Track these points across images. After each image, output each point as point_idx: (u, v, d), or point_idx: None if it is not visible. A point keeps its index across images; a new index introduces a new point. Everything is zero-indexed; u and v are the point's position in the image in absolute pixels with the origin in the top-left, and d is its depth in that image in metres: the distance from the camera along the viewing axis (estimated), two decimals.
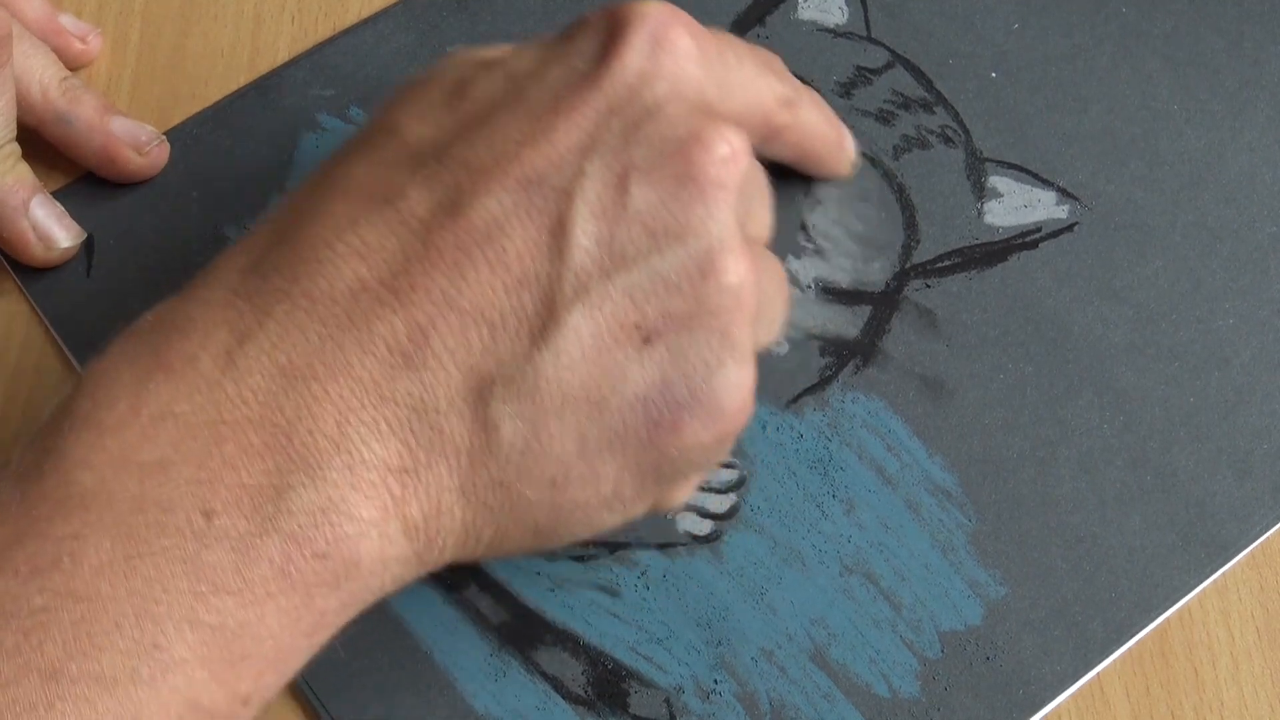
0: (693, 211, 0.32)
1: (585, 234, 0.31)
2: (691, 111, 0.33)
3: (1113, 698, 0.40)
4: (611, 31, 0.34)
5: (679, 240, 0.32)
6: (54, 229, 0.45)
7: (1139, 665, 0.40)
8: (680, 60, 0.33)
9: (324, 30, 0.51)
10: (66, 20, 0.49)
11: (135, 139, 0.47)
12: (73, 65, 0.48)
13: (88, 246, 0.46)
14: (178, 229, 0.47)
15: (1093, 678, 0.40)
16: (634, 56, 0.33)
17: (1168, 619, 0.41)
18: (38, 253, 0.45)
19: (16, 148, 0.46)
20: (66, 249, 0.46)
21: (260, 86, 0.50)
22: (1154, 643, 0.41)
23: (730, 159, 0.32)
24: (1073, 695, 0.40)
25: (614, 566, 0.41)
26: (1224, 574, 0.42)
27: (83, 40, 0.49)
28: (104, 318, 0.45)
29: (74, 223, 0.46)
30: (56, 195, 0.47)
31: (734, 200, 0.33)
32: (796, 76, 0.49)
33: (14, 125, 0.45)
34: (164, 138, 0.48)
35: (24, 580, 0.29)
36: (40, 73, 0.46)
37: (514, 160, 0.32)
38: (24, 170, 0.46)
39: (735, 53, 0.36)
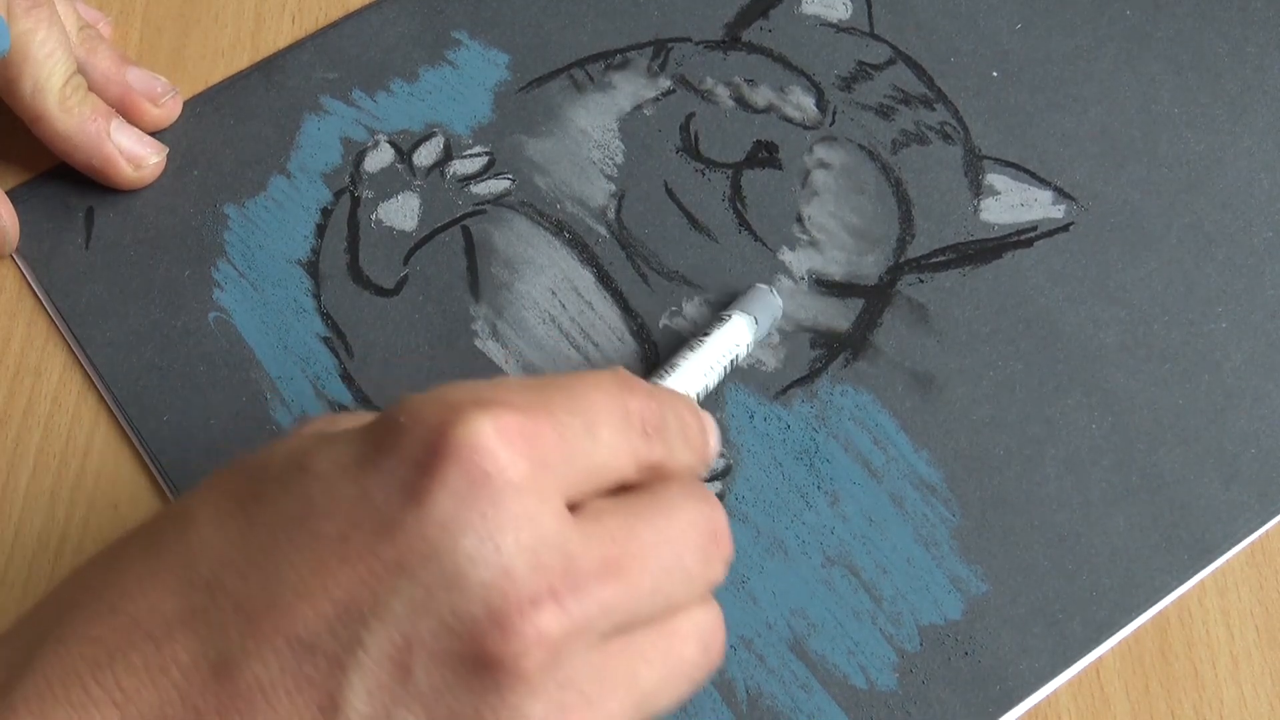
0: (484, 702, 0.28)
1: (358, 715, 0.27)
2: (500, 575, 0.28)
3: (1113, 697, 0.40)
4: (422, 463, 0.28)
5: None
6: (140, 148, 0.47)
7: (1139, 665, 0.40)
8: (503, 503, 0.28)
9: None
10: (135, 75, 0.48)
11: (151, 89, 0.48)
12: (150, 128, 0.48)
13: (88, 218, 0.47)
14: (178, 205, 0.47)
15: (1092, 678, 0.40)
16: (440, 503, 0.28)
17: (1168, 620, 0.41)
18: (128, 174, 0.47)
19: (82, 79, 0.46)
20: (156, 164, 0.47)
21: (264, 68, 0.50)
22: (1154, 642, 0.41)
23: (536, 642, 0.27)
24: (1073, 695, 0.40)
25: None
26: (1224, 574, 0.42)
27: (156, 103, 0.48)
28: (101, 290, 0.45)
29: (154, 139, 0.47)
30: (58, 168, 0.47)
31: (540, 686, 0.28)
32: (798, 71, 0.49)
33: (73, 58, 0.46)
34: (177, 90, 0.49)
35: None
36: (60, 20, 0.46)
37: (287, 613, 0.28)
38: (95, 99, 0.47)
39: (586, 430, 0.30)
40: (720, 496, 0.42)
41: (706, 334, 0.42)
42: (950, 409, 0.43)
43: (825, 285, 0.46)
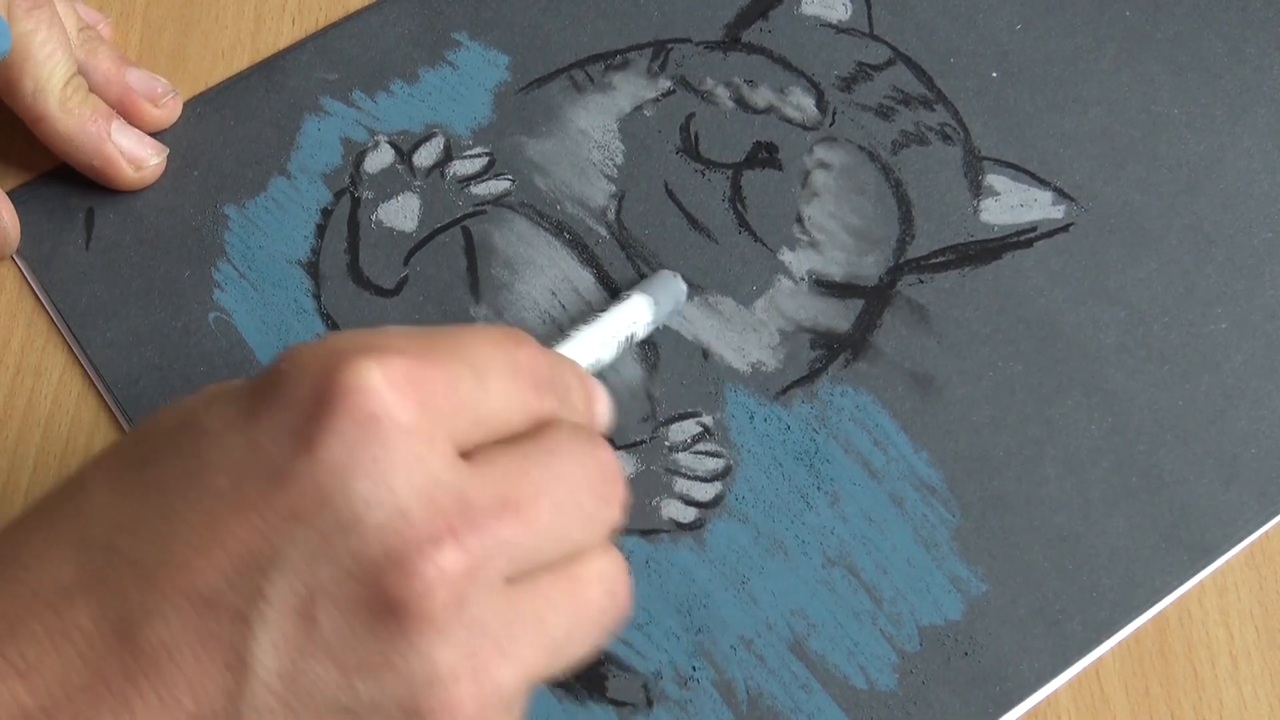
0: (393, 648, 0.27)
1: (265, 670, 0.27)
2: (396, 517, 0.27)
3: (1113, 697, 0.40)
4: (310, 410, 0.28)
5: (375, 679, 0.27)
6: (140, 149, 0.47)
7: (1139, 665, 0.40)
8: (394, 446, 0.28)
9: None
10: (135, 77, 0.48)
11: (151, 90, 0.48)
12: (150, 129, 0.48)
13: (88, 219, 0.47)
14: (178, 206, 0.47)
15: (1092, 678, 0.40)
16: (330, 449, 0.27)
17: (1167, 620, 0.41)
18: (129, 175, 0.47)
19: (83, 80, 0.47)
20: (157, 165, 0.47)
21: (265, 68, 0.50)
22: (1154, 643, 0.41)
23: (439, 581, 0.27)
24: (1073, 695, 0.40)
25: None
26: (1224, 574, 0.42)
27: (156, 104, 0.48)
28: (101, 290, 0.45)
29: (154, 140, 0.47)
30: (58, 169, 0.47)
31: (448, 629, 0.27)
32: (798, 71, 0.49)
33: (74, 59, 0.46)
34: (177, 91, 0.49)
35: None
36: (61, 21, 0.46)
37: (185, 570, 0.27)
38: (96, 100, 0.47)
39: (474, 379, 0.30)
40: (720, 497, 0.42)
41: (605, 310, 0.43)
42: (950, 410, 0.43)
43: (825, 286, 0.46)
